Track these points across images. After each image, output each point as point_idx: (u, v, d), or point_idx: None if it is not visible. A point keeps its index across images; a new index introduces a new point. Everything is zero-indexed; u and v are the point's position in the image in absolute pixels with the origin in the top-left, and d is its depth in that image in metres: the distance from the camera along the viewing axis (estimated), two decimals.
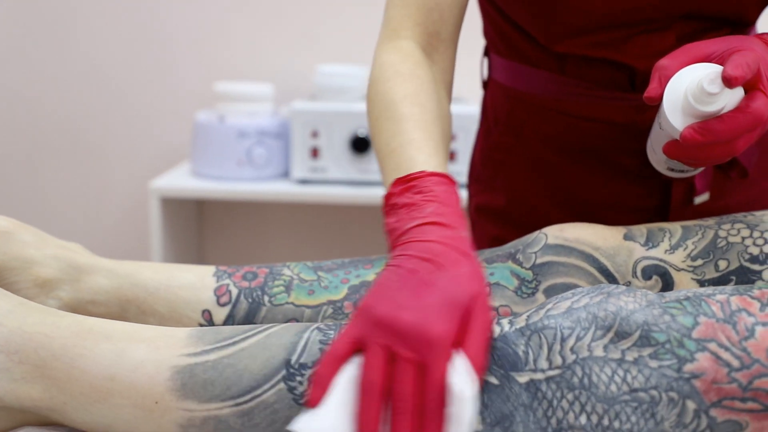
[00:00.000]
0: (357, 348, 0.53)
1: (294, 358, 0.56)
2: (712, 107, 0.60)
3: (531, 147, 0.88)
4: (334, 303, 0.71)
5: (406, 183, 0.63)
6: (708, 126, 0.60)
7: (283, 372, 0.55)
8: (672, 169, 0.72)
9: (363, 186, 1.67)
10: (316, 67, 1.77)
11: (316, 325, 0.58)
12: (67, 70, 2.00)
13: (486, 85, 0.95)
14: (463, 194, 1.36)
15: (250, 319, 0.71)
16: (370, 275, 0.72)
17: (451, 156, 1.64)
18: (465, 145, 1.63)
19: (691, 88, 0.61)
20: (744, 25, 0.81)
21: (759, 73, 0.61)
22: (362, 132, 1.64)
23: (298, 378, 0.55)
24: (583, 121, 0.83)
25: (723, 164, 0.82)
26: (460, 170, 1.61)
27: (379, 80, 0.73)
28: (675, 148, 0.63)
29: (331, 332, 0.57)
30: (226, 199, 1.71)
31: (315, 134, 1.65)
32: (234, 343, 0.57)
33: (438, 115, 0.71)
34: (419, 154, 0.65)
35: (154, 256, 1.69)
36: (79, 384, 0.57)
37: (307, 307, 0.71)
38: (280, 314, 0.71)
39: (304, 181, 1.69)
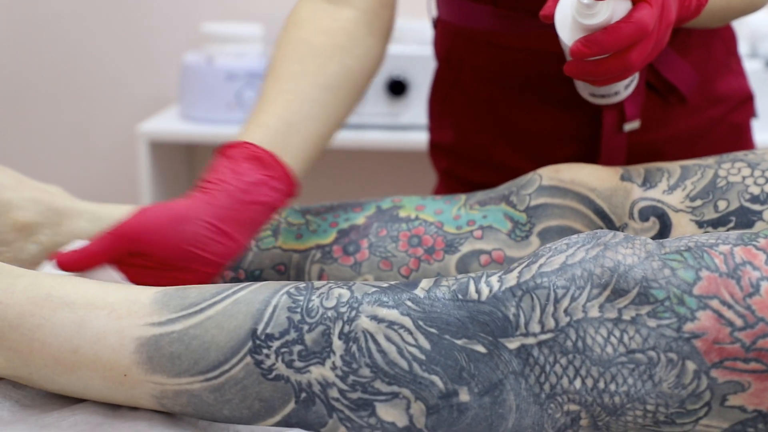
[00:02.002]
0: None
1: (260, 328, 0.53)
2: (595, 20, 0.60)
3: (470, 82, 0.87)
4: (323, 247, 0.69)
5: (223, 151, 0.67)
6: (593, 38, 0.60)
7: (249, 344, 0.53)
8: (593, 95, 0.72)
9: (354, 129, 1.65)
10: None
11: (287, 288, 0.55)
12: (52, 9, 1.95)
13: (435, 23, 0.94)
14: None
15: (236, 263, 0.70)
16: (360, 218, 0.71)
17: None
18: None
19: (574, 3, 0.61)
20: None
21: None
22: None
23: (265, 351, 0.52)
24: (517, 53, 0.82)
25: (661, 90, 0.83)
26: None
27: (296, 25, 0.75)
28: (571, 65, 0.63)
29: (301, 297, 0.54)
30: (215, 142, 1.69)
31: None
32: (201, 311, 0.54)
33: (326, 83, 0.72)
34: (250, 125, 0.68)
35: (144, 201, 1.67)
36: (41, 356, 0.54)
37: (295, 251, 0.69)
38: (268, 259, 0.70)
39: None
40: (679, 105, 0.84)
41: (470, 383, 0.51)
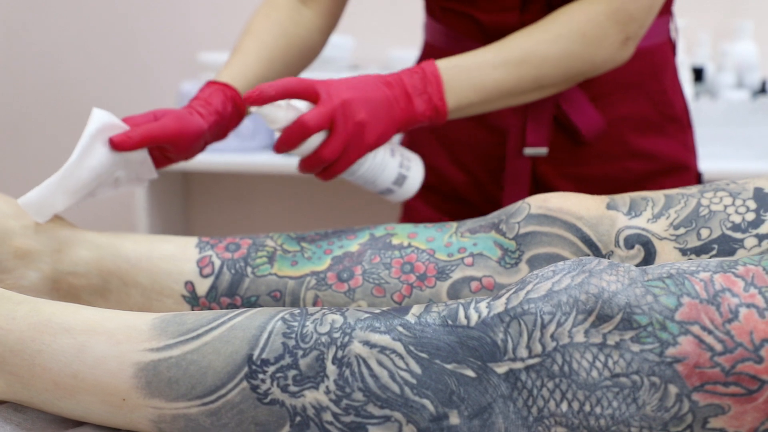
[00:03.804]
0: None
1: (256, 354, 0.54)
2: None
3: None
4: (318, 274, 0.70)
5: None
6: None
7: (246, 369, 0.54)
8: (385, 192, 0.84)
9: None
10: None
11: (282, 314, 0.56)
12: (51, 40, 1.97)
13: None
14: None
15: (233, 290, 0.71)
16: (354, 245, 0.72)
17: None
18: None
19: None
20: None
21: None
22: None
23: (261, 376, 0.53)
24: None
25: (567, 127, 0.95)
26: None
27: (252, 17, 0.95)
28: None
29: (295, 323, 0.55)
30: (212, 170, 1.70)
31: None
32: (198, 336, 0.55)
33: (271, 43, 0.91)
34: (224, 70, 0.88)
35: (140, 229, 1.68)
36: (42, 381, 0.55)
37: (290, 278, 0.71)
38: (264, 285, 0.71)
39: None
40: (588, 146, 0.95)
41: (460, 407, 0.52)
